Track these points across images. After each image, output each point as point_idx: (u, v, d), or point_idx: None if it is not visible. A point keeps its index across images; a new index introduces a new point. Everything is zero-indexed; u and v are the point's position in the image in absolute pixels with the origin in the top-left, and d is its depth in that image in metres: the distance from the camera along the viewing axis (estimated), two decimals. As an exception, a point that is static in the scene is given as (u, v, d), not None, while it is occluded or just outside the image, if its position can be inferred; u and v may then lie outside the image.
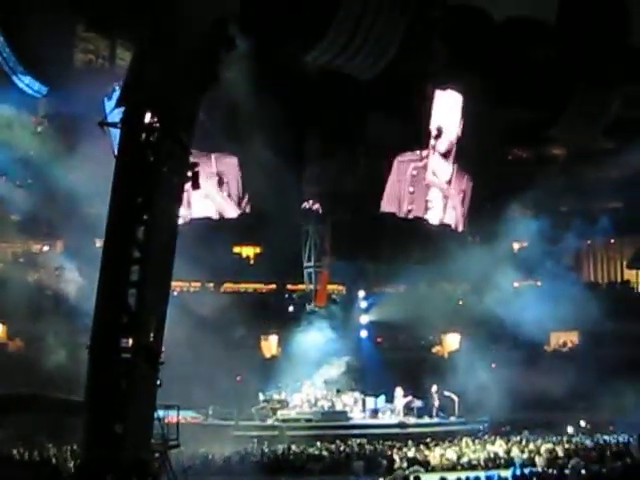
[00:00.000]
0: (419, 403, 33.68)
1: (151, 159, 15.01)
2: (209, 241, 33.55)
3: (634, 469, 20.51)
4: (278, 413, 32.25)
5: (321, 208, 38.41)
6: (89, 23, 35.65)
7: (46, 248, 40.32)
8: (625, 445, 26.02)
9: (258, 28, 28.38)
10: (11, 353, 35.63)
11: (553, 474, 20.71)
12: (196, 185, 15.72)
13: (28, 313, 33.28)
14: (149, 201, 14.87)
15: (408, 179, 38.84)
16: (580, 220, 42.21)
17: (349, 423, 32.37)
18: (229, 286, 41.74)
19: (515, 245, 43.75)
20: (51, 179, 33.67)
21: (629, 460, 21.93)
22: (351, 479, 24.18)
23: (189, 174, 15.60)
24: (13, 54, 35.02)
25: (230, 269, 39.82)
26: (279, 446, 27.50)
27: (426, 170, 38.98)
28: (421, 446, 27.10)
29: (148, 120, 15.12)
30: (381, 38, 30.85)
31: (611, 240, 45.65)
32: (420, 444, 27.41)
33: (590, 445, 26.97)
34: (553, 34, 37.06)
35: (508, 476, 20.36)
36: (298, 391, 33.72)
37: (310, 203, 38.42)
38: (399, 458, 25.43)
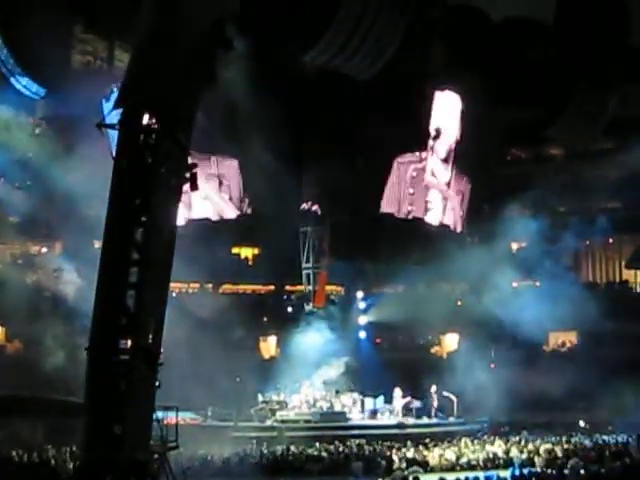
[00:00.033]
0: (418, 403, 33.71)
1: (149, 160, 15.01)
2: (208, 242, 33.56)
3: (633, 469, 20.54)
4: (277, 414, 32.26)
5: (320, 209, 38.39)
6: (87, 24, 35.59)
7: (45, 249, 40.28)
8: (624, 445, 26.08)
9: (257, 28, 28.35)
10: (10, 355, 35.62)
11: (552, 474, 20.73)
12: (194, 186, 15.72)
13: (27, 315, 33.24)
14: (147, 202, 14.87)
15: (408, 180, 38.71)
16: (579, 220, 42.16)
17: (348, 424, 32.33)
18: (228, 287, 41.73)
19: (514, 245, 43.66)
20: (49, 181, 33.59)
21: (628, 460, 21.98)
22: (350, 480, 24.24)
23: (187, 175, 15.60)
24: (11, 55, 34.89)
25: (229, 270, 39.81)
26: (278, 447, 27.48)
27: (426, 172, 38.94)
28: (420, 447, 27.12)
29: (146, 121, 15.13)
30: (380, 38, 30.77)
31: (610, 240, 45.51)
32: (419, 444, 27.45)
33: (589, 445, 27.00)
34: (551, 34, 37.04)
35: (507, 476, 20.38)
36: (297, 392, 33.70)
37: (309, 204, 38.40)
38: (398, 459, 25.47)
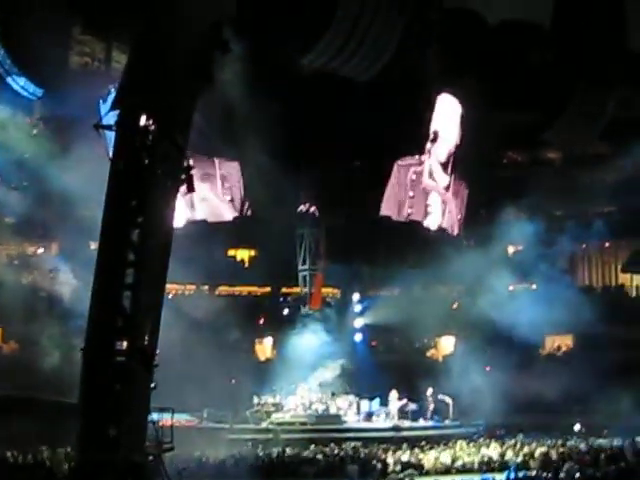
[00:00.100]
0: (414, 406, 33.68)
1: (146, 162, 14.99)
2: (204, 244, 33.55)
3: (628, 473, 20.63)
4: (272, 416, 32.21)
5: (317, 211, 38.39)
6: (85, 25, 35.60)
7: (41, 250, 40.20)
8: (619, 449, 26.05)
9: (254, 30, 28.35)
10: (6, 355, 35.52)
11: (547, 477, 20.79)
12: (191, 188, 15.70)
13: (22, 315, 33.20)
14: (144, 204, 14.84)
15: (408, 183, 38.78)
16: (575, 223, 42.24)
17: (343, 426, 32.31)
18: (224, 289, 41.68)
19: (510, 248, 43.67)
20: (46, 181, 33.53)
21: (623, 464, 22.06)
22: (345, 482, 24.24)
23: (183, 177, 15.58)
24: (8, 55, 34.88)
25: (225, 272, 39.80)
26: (273, 449, 27.43)
27: (424, 175, 38.96)
28: (415, 449, 27.12)
29: (143, 123, 15.10)
30: (378, 39, 30.77)
31: (606, 244, 45.55)
32: (414, 447, 27.42)
33: (584, 449, 26.95)
34: (548, 37, 37.11)
35: (502, 479, 20.41)
36: (293, 394, 33.69)
37: (306, 206, 38.39)
38: (393, 461, 25.48)
